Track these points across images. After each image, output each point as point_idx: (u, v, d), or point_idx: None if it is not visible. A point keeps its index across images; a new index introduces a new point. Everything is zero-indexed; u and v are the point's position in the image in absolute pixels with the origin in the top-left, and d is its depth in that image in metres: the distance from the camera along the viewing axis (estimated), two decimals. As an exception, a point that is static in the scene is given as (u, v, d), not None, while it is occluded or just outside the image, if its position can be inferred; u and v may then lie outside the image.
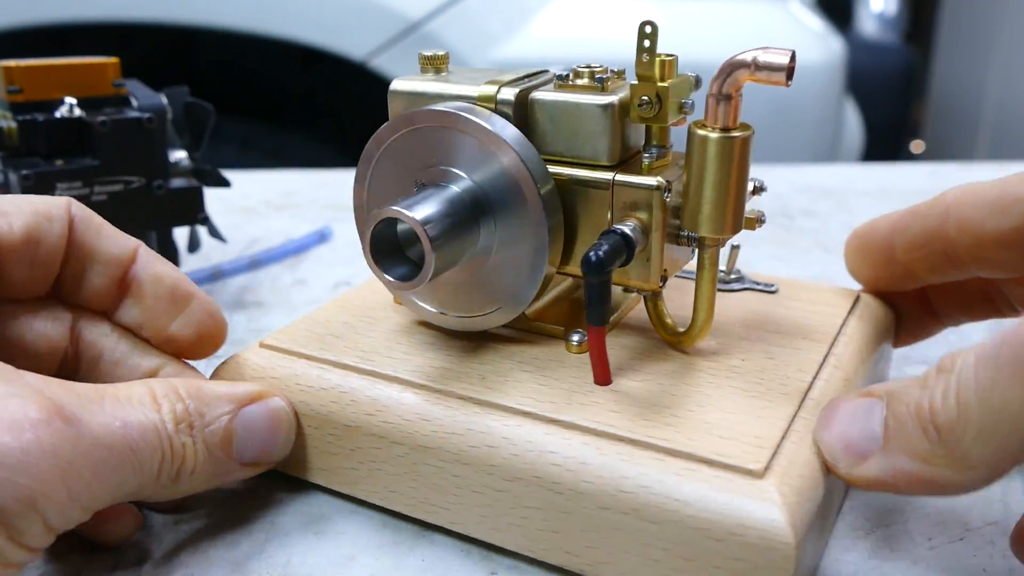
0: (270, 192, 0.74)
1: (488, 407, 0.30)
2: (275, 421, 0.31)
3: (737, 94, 0.29)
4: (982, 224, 0.31)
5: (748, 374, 0.32)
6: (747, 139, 0.29)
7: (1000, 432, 0.23)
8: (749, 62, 0.28)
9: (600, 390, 0.31)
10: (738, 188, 0.30)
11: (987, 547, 0.30)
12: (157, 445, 0.26)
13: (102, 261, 0.31)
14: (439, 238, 0.29)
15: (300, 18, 1.13)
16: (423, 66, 0.35)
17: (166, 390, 0.28)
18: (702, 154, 0.29)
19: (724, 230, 0.30)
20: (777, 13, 1.30)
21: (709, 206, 0.30)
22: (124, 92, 0.46)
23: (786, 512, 0.25)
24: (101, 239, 0.31)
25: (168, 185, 0.46)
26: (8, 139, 0.43)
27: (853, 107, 1.59)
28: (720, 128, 0.29)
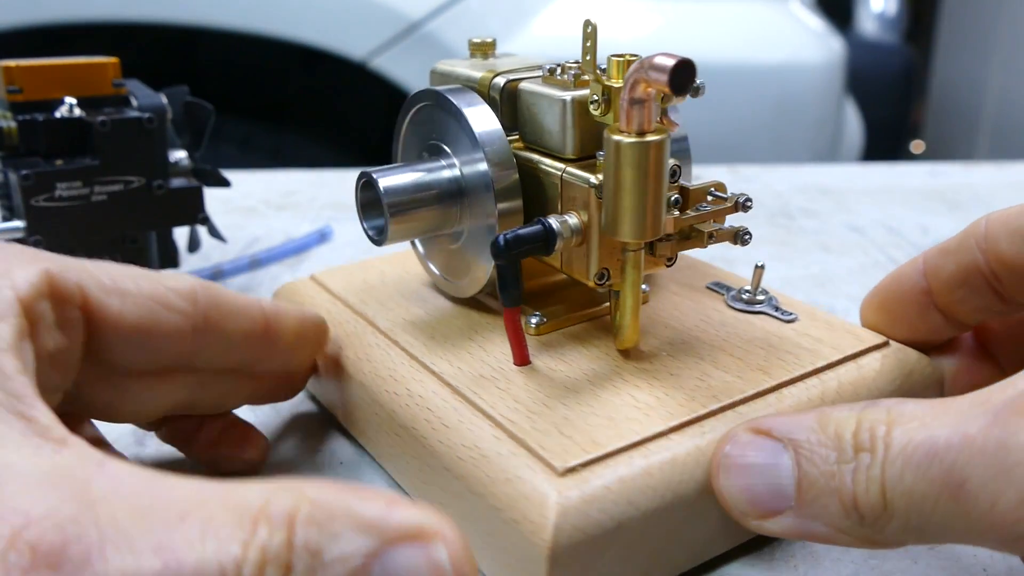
0: (270, 192, 0.74)
1: (413, 360, 0.34)
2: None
3: (650, 97, 0.28)
4: (1021, 257, 0.30)
5: (674, 387, 0.31)
6: (662, 143, 0.28)
7: (926, 531, 0.23)
8: (643, 64, 0.27)
9: (514, 371, 0.32)
10: (656, 192, 0.29)
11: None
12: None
13: (234, 338, 0.30)
14: (397, 206, 0.33)
15: (300, 18, 1.13)
16: (472, 51, 0.37)
17: (283, 506, 0.18)
18: (617, 159, 0.29)
19: (644, 234, 0.30)
20: (777, 13, 1.30)
21: (628, 211, 0.29)
22: (124, 92, 0.46)
23: (557, 515, 0.25)
24: (229, 321, 0.30)
25: (168, 185, 0.46)
26: (8, 139, 0.43)
27: (853, 107, 1.59)
28: (635, 132, 0.28)
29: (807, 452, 0.25)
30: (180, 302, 0.28)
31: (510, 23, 1.18)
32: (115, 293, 0.27)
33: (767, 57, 1.23)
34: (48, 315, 0.25)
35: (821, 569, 0.29)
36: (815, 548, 0.30)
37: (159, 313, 0.28)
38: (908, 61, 2.27)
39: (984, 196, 0.75)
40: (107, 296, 0.27)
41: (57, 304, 0.25)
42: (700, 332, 0.35)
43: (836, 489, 0.25)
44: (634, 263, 0.31)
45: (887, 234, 0.64)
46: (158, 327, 0.28)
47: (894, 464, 0.23)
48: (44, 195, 0.42)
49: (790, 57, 1.25)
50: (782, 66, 1.23)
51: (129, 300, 0.27)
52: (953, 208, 0.71)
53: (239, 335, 0.30)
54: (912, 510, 0.23)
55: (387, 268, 0.42)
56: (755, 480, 0.27)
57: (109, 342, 0.27)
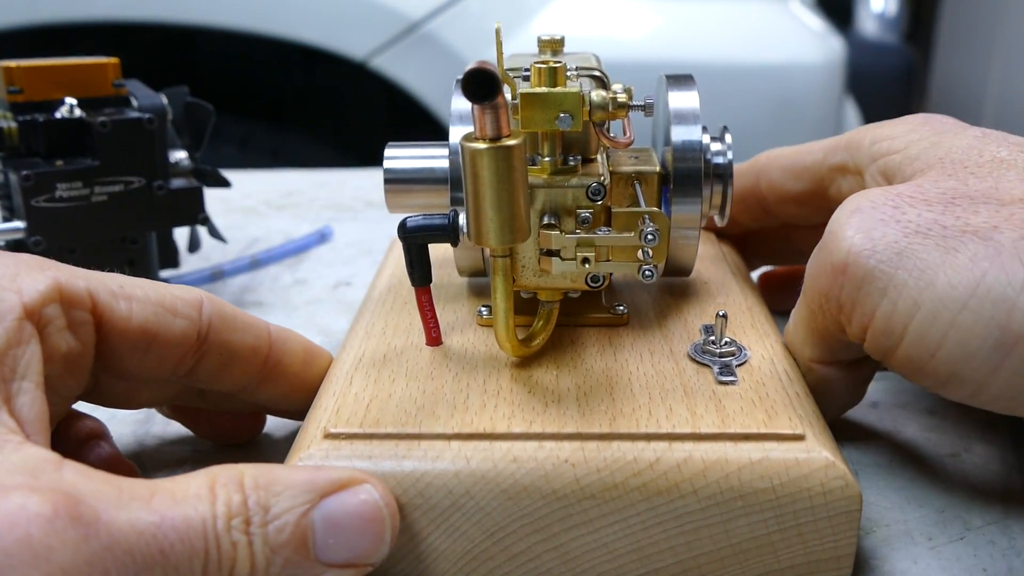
0: (270, 192, 0.74)
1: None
2: (368, 515, 0.25)
3: (502, 103, 0.27)
4: (783, 185, 0.40)
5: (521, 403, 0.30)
6: (521, 146, 0.28)
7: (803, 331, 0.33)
8: None
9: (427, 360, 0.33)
10: (517, 195, 0.28)
11: (987, 547, 0.30)
12: (199, 546, 0.22)
13: (239, 356, 0.31)
14: (393, 181, 0.38)
15: (300, 18, 1.13)
16: (541, 48, 0.38)
17: (227, 479, 0.23)
18: (476, 166, 0.28)
19: (512, 239, 0.29)
20: (777, 13, 1.30)
21: (490, 218, 0.29)
22: (124, 92, 0.46)
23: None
24: (235, 335, 0.30)
25: (168, 185, 0.46)
26: (8, 139, 0.43)
27: (853, 107, 1.59)
28: (489, 138, 0.28)
29: None
30: (186, 309, 0.29)
31: (510, 23, 1.18)
32: (123, 297, 0.28)
33: (767, 57, 1.23)
34: (59, 318, 0.26)
35: (821, 569, 0.29)
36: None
37: (165, 318, 0.29)
38: (908, 61, 2.27)
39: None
40: (115, 300, 0.28)
41: (67, 307, 0.26)
42: (622, 368, 0.32)
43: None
44: (502, 271, 0.31)
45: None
46: (164, 332, 0.29)
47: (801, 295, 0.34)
48: (44, 196, 0.42)
49: (790, 57, 1.25)
50: (782, 66, 1.23)
51: (136, 305, 0.28)
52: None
53: (244, 349, 0.31)
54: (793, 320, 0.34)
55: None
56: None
57: (117, 345, 0.28)
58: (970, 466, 0.34)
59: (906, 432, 0.37)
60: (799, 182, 0.39)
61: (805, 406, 0.30)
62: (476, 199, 0.28)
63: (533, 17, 1.19)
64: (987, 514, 0.32)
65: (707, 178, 0.37)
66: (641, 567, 0.28)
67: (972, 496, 0.32)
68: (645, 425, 0.28)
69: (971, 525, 0.31)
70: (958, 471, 0.34)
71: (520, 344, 0.32)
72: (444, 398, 0.30)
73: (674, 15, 1.25)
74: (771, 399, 0.30)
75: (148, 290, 0.29)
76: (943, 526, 0.31)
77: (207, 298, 0.30)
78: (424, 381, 0.31)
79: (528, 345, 0.33)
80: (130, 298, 0.28)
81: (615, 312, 0.36)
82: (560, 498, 0.27)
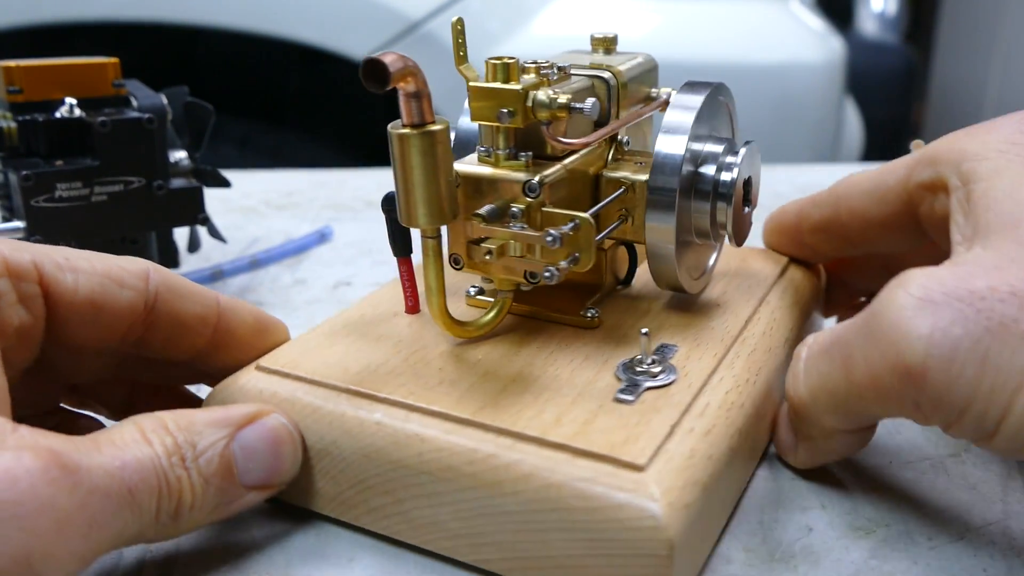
0: (270, 192, 0.74)
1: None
2: (276, 440, 0.29)
3: (425, 90, 0.29)
4: (866, 211, 0.36)
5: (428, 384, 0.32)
6: (445, 130, 0.30)
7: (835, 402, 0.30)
8: None
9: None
10: (446, 178, 0.31)
11: (987, 547, 0.30)
12: (155, 484, 0.25)
13: (188, 325, 0.31)
14: None
15: (300, 18, 1.13)
16: (594, 46, 0.39)
17: (154, 425, 0.27)
18: (405, 151, 0.30)
19: (442, 219, 0.31)
20: (777, 13, 1.30)
21: (422, 200, 0.31)
22: (124, 92, 0.46)
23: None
24: (184, 303, 0.31)
25: (168, 185, 0.46)
26: (8, 139, 0.43)
27: (853, 107, 1.59)
28: (414, 124, 0.30)
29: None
30: (132, 280, 0.30)
31: (510, 23, 1.18)
32: (69, 270, 0.29)
33: (767, 57, 1.23)
34: (9, 293, 0.27)
35: (821, 569, 0.29)
36: (815, 548, 0.30)
37: (111, 289, 0.29)
38: (908, 61, 2.27)
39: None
40: (61, 272, 0.29)
41: (15, 281, 0.27)
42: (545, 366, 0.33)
43: (788, 398, 0.32)
44: (432, 251, 0.32)
45: (887, 234, 0.64)
46: (111, 303, 0.29)
47: (811, 358, 0.31)
48: (44, 195, 0.42)
49: (790, 57, 1.25)
50: (782, 66, 1.23)
51: (83, 276, 0.29)
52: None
53: (193, 319, 0.31)
54: (823, 388, 0.30)
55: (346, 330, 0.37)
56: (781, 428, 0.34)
57: (64, 317, 0.29)
58: (970, 466, 0.34)
59: (906, 432, 0.37)
60: (884, 205, 0.35)
61: (684, 443, 0.28)
62: (405, 182, 0.31)
63: (533, 17, 1.19)
64: (987, 514, 0.32)
65: (693, 195, 0.35)
66: (473, 553, 0.29)
67: (972, 496, 0.32)
68: (507, 422, 0.29)
69: (971, 525, 0.31)
70: (958, 471, 0.34)
71: (455, 324, 0.34)
72: (372, 360, 0.33)
73: (674, 15, 1.25)
74: (647, 426, 0.29)
75: (94, 261, 0.29)
76: (943, 526, 0.31)
77: (154, 268, 0.31)
78: (371, 343, 0.34)
79: (464, 327, 0.34)
80: (76, 270, 0.29)
81: (583, 315, 0.36)
82: (403, 467, 0.29)
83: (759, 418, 0.33)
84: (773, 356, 0.35)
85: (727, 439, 0.30)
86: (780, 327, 0.37)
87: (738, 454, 0.31)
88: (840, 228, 0.38)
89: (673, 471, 0.27)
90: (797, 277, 0.42)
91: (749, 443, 0.32)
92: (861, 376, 0.28)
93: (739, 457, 0.31)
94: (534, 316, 0.37)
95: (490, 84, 0.32)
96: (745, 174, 0.36)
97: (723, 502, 0.30)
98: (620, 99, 0.37)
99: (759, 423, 0.33)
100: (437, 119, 0.30)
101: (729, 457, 0.30)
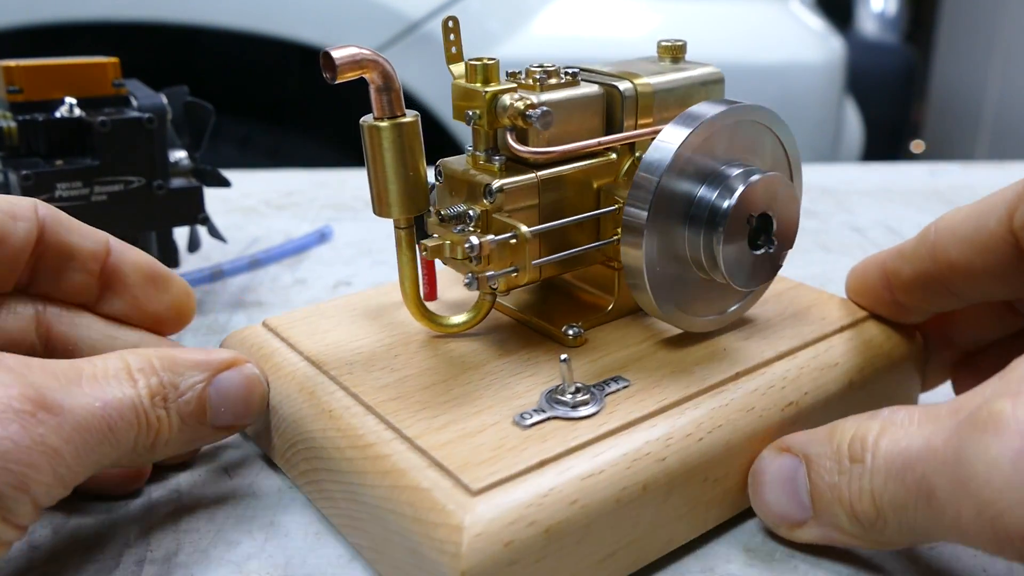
0: (270, 192, 0.74)
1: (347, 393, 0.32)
2: (248, 387, 0.31)
3: (394, 84, 0.30)
4: (970, 263, 0.32)
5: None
6: (416, 122, 0.31)
7: (918, 533, 0.25)
8: None
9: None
10: (413, 168, 0.32)
11: (987, 547, 0.30)
12: (133, 421, 0.27)
13: (77, 258, 0.32)
14: None
15: (300, 18, 1.13)
16: (660, 54, 0.37)
17: (141, 363, 0.28)
18: (377, 143, 0.31)
19: (412, 210, 0.32)
20: (777, 13, 1.30)
21: (393, 191, 0.32)
22: (124, 92, 0.46)
23: None
24: (72, 236, 0.32)
25: (168, 185, 0.46)
26: (8, 139, 0.43)
27: (853, 107, 1.59)
28: (387, 117, 0.31)
29: (816, 464, 0.28)
30: (24, 211, 0.31)
31: (510, 23, 1.18)
32: None
33: (767, 57, 1.23)
34: None
35: (821, 569, 0.29)
36: (815, 548, 0.30)
37: (6, 223, 0.30)
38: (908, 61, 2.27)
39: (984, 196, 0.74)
40: None
41: None
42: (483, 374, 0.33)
43: (839, 499, 0.27)
44: (405, 241, 0.33)
45: (887, 234, 0.64)
46: (6, 237, 0.30)
47: (879, 473, 0.26)
48: (44, 195, 0.42)
49: (790, 57, 1.25)
50: (782, 66, 1.23)
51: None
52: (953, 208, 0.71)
53: (82, 252, 0.32)
54: (899, 516, 0.25)
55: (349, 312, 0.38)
56: (779, 494, 0.29)
57: None
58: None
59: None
60: (988, 254, 0.31)
61: (546, 480, 0.27)
62: (376, 173, 0.32)
63: (533, 17, 1.19)
64: (987, 514, 0.31)
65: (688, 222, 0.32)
66: (352, 536, 0.30)
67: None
68: (400, 417, 0.30)
69: (971, 525, 0.31)
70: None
71: (426, 317, 0.35)
72: (353, 339, 0.35)
73: (674, 15, 1.25)
74: (518, 454, 0.27)
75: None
76: (943, 526, 0.31)
77: (40, 203, 0.32)
78: (368, 324, 0.37)
79: (438, 322, 0.35)
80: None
81: (564, 331, 0.34)
82: (312, 439, 0.31)
83: (701, 480, 0.30)
84: (764, 419, 0.31)
85: (618, 489, 0.27)
86: (804, 387, 0.33)
87: (638, 510, 0.28)
88: (940, 283, 0.33)
89: (507, 506, 0.26)
90: (871, 335, 0.36)
91: (672, 504, 0.29)
92: (950, 523, 0.24)
93: (641, 512, 0.28)
94: (524, 323, 0.36)
95: (467, 84, 0.32)
96: (757, 206, 0.31)
97: (604, 555, 0.27)
98: (639, 112, 0.34)
99: (699, 485, 0.30)
100: (408, 113, 0.31)
101: (614, 508, 0.27)
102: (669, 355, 0.34)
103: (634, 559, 0.29)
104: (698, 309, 0.34)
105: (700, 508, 0.30)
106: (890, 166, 0.85)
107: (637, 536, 0.28)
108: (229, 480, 0.34)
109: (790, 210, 0.33)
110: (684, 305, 0.33)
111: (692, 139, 0.31)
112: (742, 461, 0.31)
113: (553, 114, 0.31)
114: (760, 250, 0.33)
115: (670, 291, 0.33)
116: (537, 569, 0.26)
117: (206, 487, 0.34)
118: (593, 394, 0.31)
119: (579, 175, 0.34)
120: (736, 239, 0.31)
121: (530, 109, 0.30)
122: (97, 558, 0.30)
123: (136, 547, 0.30)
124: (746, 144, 0.33)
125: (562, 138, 0.32)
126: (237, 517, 0.32)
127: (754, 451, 0.31)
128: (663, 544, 0.30)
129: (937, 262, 0.32)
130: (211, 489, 0.34)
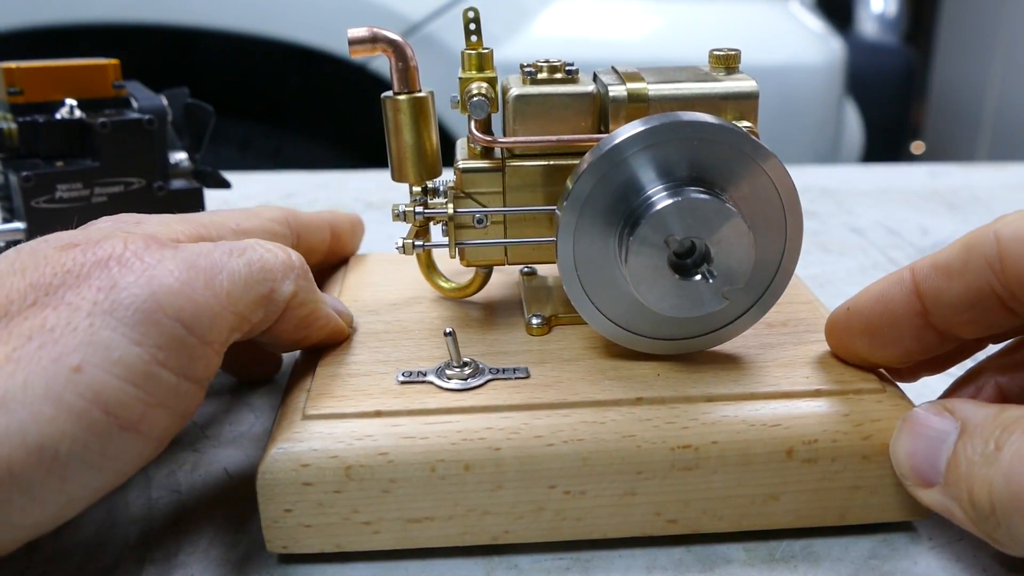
0: (270, 193, 0.74)
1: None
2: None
3: (410, 63, 0.34)
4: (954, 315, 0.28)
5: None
6: (427, 98, 0.34)
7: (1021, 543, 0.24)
8: None
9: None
10: (427, 138, 0.35)
11: (987, 547, 0.30)
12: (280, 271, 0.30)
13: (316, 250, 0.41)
14: None
15: (300, 19, 1.13)
16: (712, 64, 0.35)
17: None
18: (396, 114, 0.34)
19: (427, 175, 0.35)
20: (777, 13, 1.30)
21: (410, 156, 0.35)
22: (124, 93, 0.46)
23: None
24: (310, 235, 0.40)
25: (168, 186, 0.46)
26: (8, 140, 0.43)
27: (853, 107, 1.59)
28: (407, 91, 0.34)
29: (968, 437, 0.26)
30: (280, 228, 0.37)
31: (510, 24, 1.18)
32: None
33: (767, 58, 1.23)
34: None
35: (821, 569, 0.29)
36: (815, 548, 0.30)
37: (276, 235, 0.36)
38: (908, 62, 2.27)
39: (984, 197, 0.75)
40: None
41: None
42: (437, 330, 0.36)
43: (966, 478, 0.26)
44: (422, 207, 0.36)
45: (887, 235, 0.65)
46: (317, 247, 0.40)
47: (1000, 471, 0.24)
48: (44, 196, 0.42)
49: (790, 58, 1.25)
50: (782, 67, 1.23)
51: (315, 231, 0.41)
52: (953, 209, 0.71)
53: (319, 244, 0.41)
54: (1007, 521, 0.24)
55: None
56: (920, 447, 0.28)
57: None
58: (970, 466, 0.34)
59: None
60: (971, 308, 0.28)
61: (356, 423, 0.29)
62: (398, 142, 0.35)
63: (533, 18, 1.19)
64: (987, 514, 0.31)
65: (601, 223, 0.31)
66: None
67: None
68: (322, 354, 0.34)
69: (971, 525, 0.31)
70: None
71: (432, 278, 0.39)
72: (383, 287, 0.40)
73: (674, 15, 1.25)
74: (362, 396, 0.31)
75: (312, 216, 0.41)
76: (943, 526, 0.31)
77: (288, 211, 0.39)
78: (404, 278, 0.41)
79: (442, 285, 0.38)
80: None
81: (527, 319, 0.36)
82: None
83: (546, 486, 0.29)
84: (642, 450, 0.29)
85: (434, 459, 0.28)
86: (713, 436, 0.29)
87: (457, 487, 0.28)
88: (1004, 300, 0.28)
89: (319, 435, 0.29)
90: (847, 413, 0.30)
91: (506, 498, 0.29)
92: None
93: (463, 492, 0.28)
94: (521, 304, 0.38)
95: (462, 74, 0.35)
96: (678, 229, 0.29)
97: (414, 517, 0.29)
98: (628, 117, 0.32)
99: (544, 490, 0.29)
100: (424, 90, 0.34)
101: (427, 476, 0.28)
102: (599, 363, 0.33)
103: (457, 534, 0.29)
104: (641, 328, 0.33)
105: (552, 516, 0.29)
106: (890, 167, 0.85)
107: (458, 514, 0.29)
108: (229, 480, 0.34)
109: (736, 245, 0.30)
110: (626, 321, 0.32)
111: (637, 138, 0.29)
112: (615, 486, 0.29)
113: (488, 104, 0.34)
114: (692, 278, 0.30)
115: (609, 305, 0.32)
116: (336, 499, 0.28)
117: (206, 487, 0.34)
118: (479, 373, 0.32)
119: (551, 170, 0.34)
120: (652, 259, 0.30)
121: (474, 97, 0.34)
122: (97, 558, 0.30)
123: (136, 547, 0.30)
124: (723, 169, 0.31)
125: (544, 133, 0.34)
126: (237, 518, 0.32)
127: (630, 482, 0.29)
128: (497, 533, 0.29)
129: (1006, 273, 0.27)
130: (211, 489, 0.34)
